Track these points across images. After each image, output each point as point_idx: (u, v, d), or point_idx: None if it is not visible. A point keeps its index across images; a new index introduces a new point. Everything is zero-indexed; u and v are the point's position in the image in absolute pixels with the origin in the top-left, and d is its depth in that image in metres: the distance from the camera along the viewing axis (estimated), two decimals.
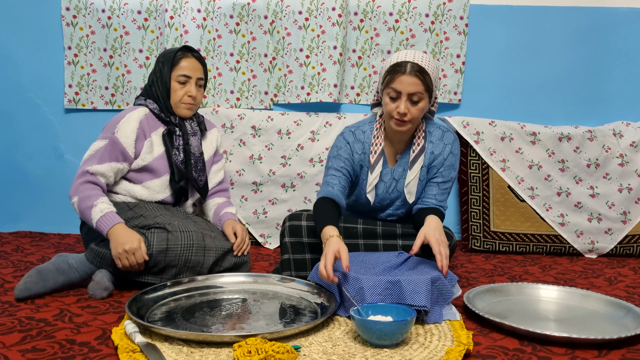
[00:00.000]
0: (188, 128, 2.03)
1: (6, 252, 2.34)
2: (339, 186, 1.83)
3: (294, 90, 2.67)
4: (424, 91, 1.74)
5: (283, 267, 1.92)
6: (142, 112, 1.97)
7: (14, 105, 2.74)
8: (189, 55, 2.01)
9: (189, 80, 1.99)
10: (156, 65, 2.02)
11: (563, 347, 1.39)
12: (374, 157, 1.87)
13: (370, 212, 1.99)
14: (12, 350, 1.31)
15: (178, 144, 2.00)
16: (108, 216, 1.77)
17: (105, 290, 1.71)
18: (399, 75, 1.73)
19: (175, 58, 1.99)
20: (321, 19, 2.61)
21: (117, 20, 2.65)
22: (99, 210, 1.78)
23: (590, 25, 2.66)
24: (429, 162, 1.89)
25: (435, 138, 1.90)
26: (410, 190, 1.88)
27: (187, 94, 1.99)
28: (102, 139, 1.90)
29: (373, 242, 1.92)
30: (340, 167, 1.86)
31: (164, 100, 1.99)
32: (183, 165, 2.00)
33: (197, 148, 2.04)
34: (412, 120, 1.78)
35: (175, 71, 1.99)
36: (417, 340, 1.39)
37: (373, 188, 1.90)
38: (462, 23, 2.64)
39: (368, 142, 1.89)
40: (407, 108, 1.74)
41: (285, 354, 1.19)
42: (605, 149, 2.53)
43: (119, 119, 1.93)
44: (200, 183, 2.05)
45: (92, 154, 1.88)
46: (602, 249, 2.51)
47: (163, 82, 1.99)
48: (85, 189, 1.82)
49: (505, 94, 2.72)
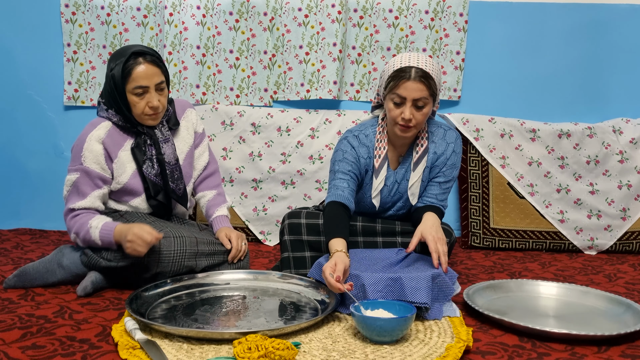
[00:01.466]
0: (158, 135, 1.87)
1: (6, 249, 2.34)
2: (349, 189, 1.81)
3: (293, 87, 2.66)
4: (429, 96, 1.71)
5: (283, 265, 1.92)
6: (104, 130, 1.80)
7: (13, 102, 2.74)
8: (141, 62, 1.75)
9: (147, 89, 1.77)
10: (107, 73, 1.78)
11: (562, 343, 1.39)
12: (378, 161, 1.84)
13: (371, 213, 1.98)
14: (12, 347, 1.31)
15: (150, 154, 1.85)
16: (104, 227, 1.71)
17: (82, 290, 1.71)
18: (403, 81, 1.69)
19: (126, 68, 1.74)
20: (321, 16, 2.61)
21: (116, 17, 2.64)
22: (95, 227, 1.72)
23: (590, 21, 2.66)
24: (431, 162, 1.87)
25: (438, 137, 1.88)
26: (413, 192, 1.87)
27: (149, 104, 1.78)
28: (74, 172, 1.78)
29: (372, 240, 1.92)
30: (348, 171, 1.83)
31: (125, 113, 1.80)
32: (159, 178, 1.87)
33: (172, 155, 1.89)
34: (416, 125, 1.75)
35: (130, 83, 1.75)
36: (417, 337, 1.39)
37: (378, 193, 1.87)
38: (462, 20, 2.63)
39: (372, 146, 1.86)
40: (412, 114, 1.71)
41: (286, 351, 1.19)
42: (605, 145, 2.53)
43: (81, 146, 1.78)
44: (179, 192, 1.91)
45: (70, 190, 1.79)
46: (601, 245, 2.52)
47: (119, 95, 1.77)
48: (76, 221, 1.76)
49: (505, 91, 2.72)
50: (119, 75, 1.75)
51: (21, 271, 1.77)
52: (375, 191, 1.86)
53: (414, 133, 1.79)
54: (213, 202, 2.04)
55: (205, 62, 2.65)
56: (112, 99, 1.80)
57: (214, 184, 2.08)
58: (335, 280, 1.48)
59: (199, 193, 2.07)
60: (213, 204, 2.03)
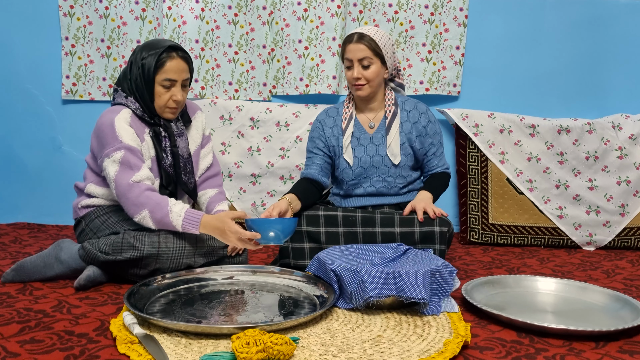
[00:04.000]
0: (174, 129, 1.91)
1: (4, 243, 2.34)
2: (314, 165, 2.06)
3: (292, 81, 2.66)
4: (373, 56, 1.93)
5: (282, 255, 1.94)
6: (128, 114, 1.82)
7: (11, 96, 2.73)
8: (175, 56, 1.82)
9: (174, 84, 1.83)
10: (137, 59, 1.82)
11: (560, 339, 1.39)
12: (345, 122, 2.05)
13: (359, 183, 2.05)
14: (10, 341, 1.31)
15: (165, 145, 1.88)
16: (189, 216, 1.71)
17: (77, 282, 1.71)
18: (347, 45, 1.96)
19: (160, 59, 1.80)
20: (320, 10, 2.60)
21: (114, 10, 2.63)
22: (177, 215, 1.71)
23: (590, 17, 2.65)
24: (413, 133, 2.03)
25: (409, 107, 2.06)
26: (393, 152, 2.02)
27: (173, 98, 1.83)
28: (117, 151, 1.74)
29: (371, 230, 1.93)
30: (314, 148, 2.08)
31: (147, 102, 1.84)
32: (172, 169, 1.90)
33: (185, 149, 1.94)
34: (368, 83, 1.96)
35: (160, 74, 1.81)
36: (415, 332, 1.39)
37: (348, 148, 2.03)
38: (462, 15, 2.63)
39: (340, 115, 2.09)
40: (360, 73, 1.94)
41: (284, 346, 1.19)
42: (604, 141, 2.53)
43: (112, 128, 1.77)
44: (190, 186, 1.95)
45: (119, 168, 1.74)
46: (600, 241, 2.52)
47: (146, 84, 1.81)
48: (150, 199, 1.72)
49: (504, 86, 2.71)
50: (151, 65, 1.80)
51: (19, 265, 1.77)
52: (344, 148, 2.03)
53: (368, 92, 1.98)
54: (214, 198, 2.05)
55: (204, 56, 2.64)
56: (137, 87, 1.83)
57: (217, 184, 2.10)
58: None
59: (201, 191, 2.08)
60: (214, 200, 2.04)
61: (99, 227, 1.86)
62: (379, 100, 2.05)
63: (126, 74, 1.87)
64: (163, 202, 1.73)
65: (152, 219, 1.73)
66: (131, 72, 1.84)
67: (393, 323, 1.46)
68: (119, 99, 1.86)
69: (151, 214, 1.72)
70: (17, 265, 1.77)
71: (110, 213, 1.87)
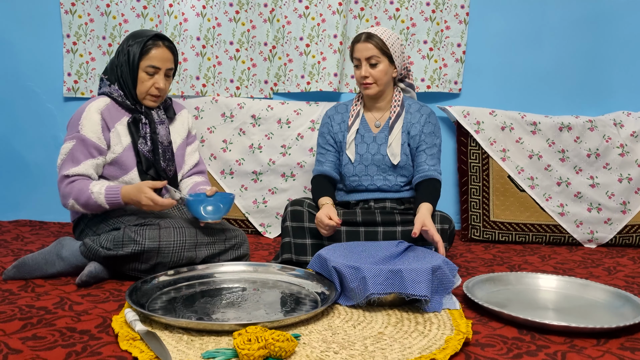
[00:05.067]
0: (155, 116, 1.95)
1: (6, 240, 2.34)
2: (328, 162, 2.10)
3: (294, 79, 2.66)
4: (380, 54, 1.96)
5: (283, 249, 1.95)
6: (102, 102, 1.87)
7: (13, 94, 2.73)
8: (160, 45, 1.89)
9: (157, 72, 1.89)
10: (124, 47, 1.89)
11: (562, 336, 1.40)
12: (351, 119, 2.08)
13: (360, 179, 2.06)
14: (12, 337, 1.31)
15: (144, 132, 1.92)
16: (109, 191, 1.78)
17: (79, 278, 1.71)
18: (355, 44, 2.00)
19: (146, 46, 1.87)
20: (321, 8, 2.60)
21: (115, 7, 2.63)
22: (98, 193, 1.78)
23: (592, 14, 2.65)
24: (411, 132, 2.05)
25: (414, 110, 2.08)
26: (393, 152, 2.03)
27: (155, 85, 1.90)
28: (70, 140, 1.84)
29: (373, 230, 1.95)
30: (324, 144, 2.13)
31: (130, 88, 1.90)
32: (150, 154, 1.92)
33: (166, 137, 1.97)
34: (376, 82, 1.99)
35: (145, 61, 1.87)
36: (416, 329, 1.40)
37: (352, 144, 2.06)
38: (463, 12, 2.62)
39: (348, 112, 2.12)
40: (368, 72, 1.98)
41: (285, 342, 1.19)
42: (606, 139, 2.52)
43: (80, 115, 1.85)
44: (170, 173, 1.98)
45: (64, 158, 1.83)
46: (601, 238, 2.52)
47: (131, 70, 1.88)
48: (73, 187, 1.80)
49: (505, 84, 2.71)
50: (137, 51, 1.87)
51: (20, 262, 1.77)
52: (348, 143, 2.06)
53: (375, 90, 2.01)
54: (200, 183, 2.08)
55: (205, 53, 2.64)
56: (122, 73, 1.89)
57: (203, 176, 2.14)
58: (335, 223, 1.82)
59: (187, 178, 2.10)
60: (199, 184, 2.06)
61: (99, 224, 1.86)
62: (387, 100, 2.08)
63: (113, 62, 1.93)
64: (85, 186, 1.79)
65: (79, 204, 1.80)
66: (118, 59, 1.91)
67: (394, 320, 1.46)
68: (104, 87, 1.94)
69: (76, 200, 1.80)
70: (19, 263, 1.77)
71: (108, 211, 1.87)
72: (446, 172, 2.63)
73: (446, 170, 2.64)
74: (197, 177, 2.11)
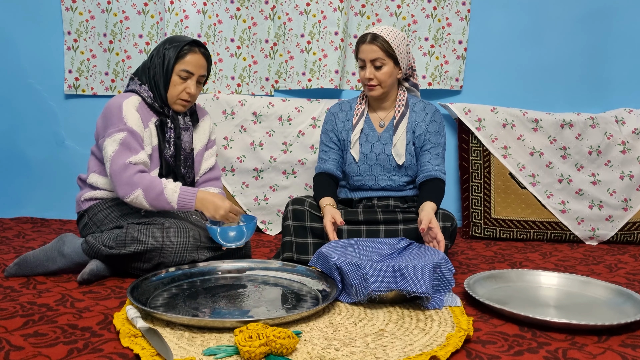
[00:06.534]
0: (180, 122, 1.95)
1: (7, 237, 2.34)
2: (331, 160, 2.09)
3: (295, 76, 2.65)
4: (385, 56, 1.94)
5: (284, 248, 1.95)
6: (136, 100, 1.87)
7: (14, 91, 2.73)
8: (196, 51, 1.90)
9: (190, 77, 1.89)
10: (159, 50, 1.90)
11: (563, 333, 1.39)
12: (356, 118, 2.07)
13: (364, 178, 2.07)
14: (14, 334, 1.31)
15: (169, 136, 1.92)
16: (185, 192, 1.76)
17: (80, 276, 1.71)
18: (360, 46, 1.97)
19: (182, 51, 1.88)
20: (322, 4, 2.59)
21: (116, 4, 2.63)
22: (172, 191, 1.75)
23: (593, 10, 2.64)
24: (416, 132, 2.04)
25: (418, 108, 2.07)
26: (398, 152, 2.02)
27: (186, 90, 1.89)
28: (119, 132, 1.78)
29: (375, 228, 1.95)
30: (328, 141, 2.11)
31: (161, 91, 1.89)
32: (172, 160, 1.92)
33: (188, 144, 1.97)
34: (380, 84, 1.97)
35: (179, 65, 1.88)
36: (417, 326, 1.40)
37: (356, 144, 2.05)
38: (464, 9, 2.62)
39: (352, 111, 2.10)
40: (373, 74, 1.96)
41: (287, 339, 1.19)
42: (607, 136, 2.52)
43: (119, 109, 1.81)
44: (188, 180, 1.98)
45: (118, 148, 1.76)
46: (602, 236, 2.52)
47: (165, 72, 1.88)
48: (143, 178, 1.75)
49: (507, 81, 2.70)
50: (173, 55, 1.87)
51: (22, 259, 1.78)
52: (352, 143, 2.05)
53: (380, 92, 1.99)
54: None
55: None
56: (154, 74, 1.89)
57: (217, 185, 2.13)
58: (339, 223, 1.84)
59: (203, 185, 2.10)
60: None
61: (102, 220, 1.86)
62: (391, 100, 2.07)
63: (145, 64, 1.93)
64: (156, 180, 1.76)
65: (146, 198, 1.75)
66: (151, 62, 1.91)
67: (395, 317, 1.46)
68: (133, 86, 1.92)
69: (145, 193, 1.74)
70: (20, 260, 1.78)
71: (113, 207, 1.87)
72: (447, 169, 2.63)
73: (447, 167, 2.63)
74: (212, 187, 2.09)
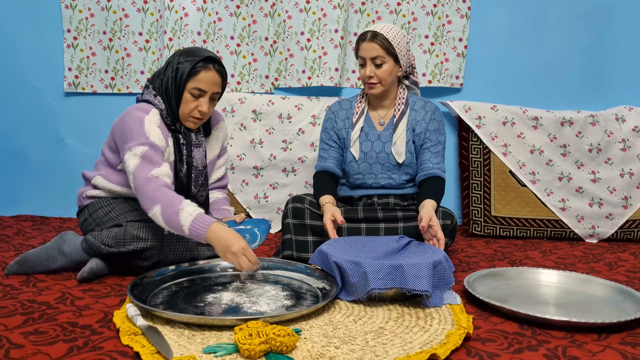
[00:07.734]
0: (192, 138, 1.88)
1: (7, 235, 2.34)
2: (331, 158, 2.09)
3: (295, 74, 2.65)
4: (385, 54, 1.93)
5: (284, 246, 1.95)
6: (157, 116, 1.79)
7: (13, 89, 2.73)
8: (210, 68, 1.79)
9: (203, 95, 1.80)
10: (173, 62, 1.80)
11: (563, 330, 1.40)
12: (356, 116, 2.07)
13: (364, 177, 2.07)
14: (14, 332, 1.31)
15: (181, 154, 1.85)
16: (199, 219, 1.58)
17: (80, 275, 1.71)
18: (360, 44, 1.96)
19: (195, 67, 1.77)
20: (322, 2, 2.59)
21: (116, 2, 2.62)
22: (188, 214, 1.58)
23: (594, 8, 2.64)
24: (416, 130, 2.04)
25: (418, 107, 2.07)
26: (398, 150, 2.02)
27: (198, 108, 1.80)
28: (141, 145, 1.70)
29: (375, 226, 1.95)
30: (328, 140, 2.11)
31: (172, 106, 1.81)
32: (184, 178, 1.86)
33: (201, 161, 1.91)
34: (381, 82, 1.97)
35: (192, 82, 1.78)
36: (417, 324, 1.40)
37: (356, 142, 2.05)
38: (465, 6, 2.61)
39: (352, 108, 2.10)
40: (373, 72, 1.95)
41: (287, 337, 1.19)
42: (608, 133, 2.52)
43: (140, 123, 1.74)
44: (201, 199, 1.91)
45: (140, 161, 1.68)
46: (602, 233, 2.52)
47: (176, 87, 1.79)
48: (164, 193, 1.63)
49: (507, 78, 2.70)
50: (185, 70, 1.77)
51: (22, 258, 1.78)
52: (352, 141, 2.05)
53: (380, 90, 1.99)
54: (221, 200, 2.06)
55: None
56: (166, 88, 1.80)
57: (224, 192, 2.11)
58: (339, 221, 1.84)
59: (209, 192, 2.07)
60: (220, 202, 2.05)
61: (102, 218, 1.86)
62: (391, 98, 2.07)
63: (160, 72, 1.85)
64: (176, 199, 1.62)
65: (162, 215, 1.61)
66: (165, 72, 1.82)
67: (395, 315, 1.46)
68: (148, 95, 1.83)
69: (162, 210, 1.61)
70: (20, 258, 1.78)
71: (113, 205, 1.87)
72: (447, 167, 2.62)
73: (447, 165, 2.63)
74: (218, 192, 2.07)
